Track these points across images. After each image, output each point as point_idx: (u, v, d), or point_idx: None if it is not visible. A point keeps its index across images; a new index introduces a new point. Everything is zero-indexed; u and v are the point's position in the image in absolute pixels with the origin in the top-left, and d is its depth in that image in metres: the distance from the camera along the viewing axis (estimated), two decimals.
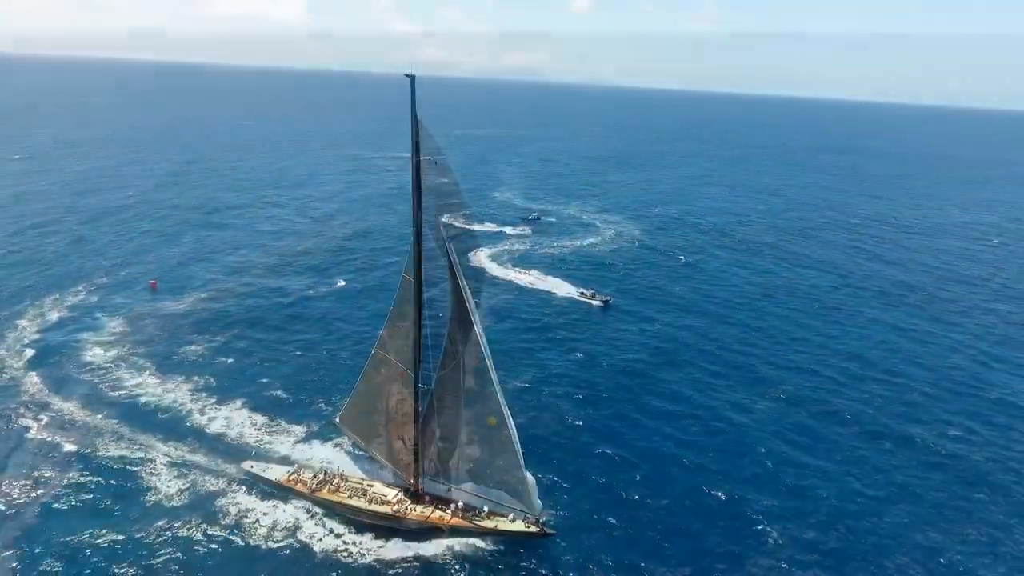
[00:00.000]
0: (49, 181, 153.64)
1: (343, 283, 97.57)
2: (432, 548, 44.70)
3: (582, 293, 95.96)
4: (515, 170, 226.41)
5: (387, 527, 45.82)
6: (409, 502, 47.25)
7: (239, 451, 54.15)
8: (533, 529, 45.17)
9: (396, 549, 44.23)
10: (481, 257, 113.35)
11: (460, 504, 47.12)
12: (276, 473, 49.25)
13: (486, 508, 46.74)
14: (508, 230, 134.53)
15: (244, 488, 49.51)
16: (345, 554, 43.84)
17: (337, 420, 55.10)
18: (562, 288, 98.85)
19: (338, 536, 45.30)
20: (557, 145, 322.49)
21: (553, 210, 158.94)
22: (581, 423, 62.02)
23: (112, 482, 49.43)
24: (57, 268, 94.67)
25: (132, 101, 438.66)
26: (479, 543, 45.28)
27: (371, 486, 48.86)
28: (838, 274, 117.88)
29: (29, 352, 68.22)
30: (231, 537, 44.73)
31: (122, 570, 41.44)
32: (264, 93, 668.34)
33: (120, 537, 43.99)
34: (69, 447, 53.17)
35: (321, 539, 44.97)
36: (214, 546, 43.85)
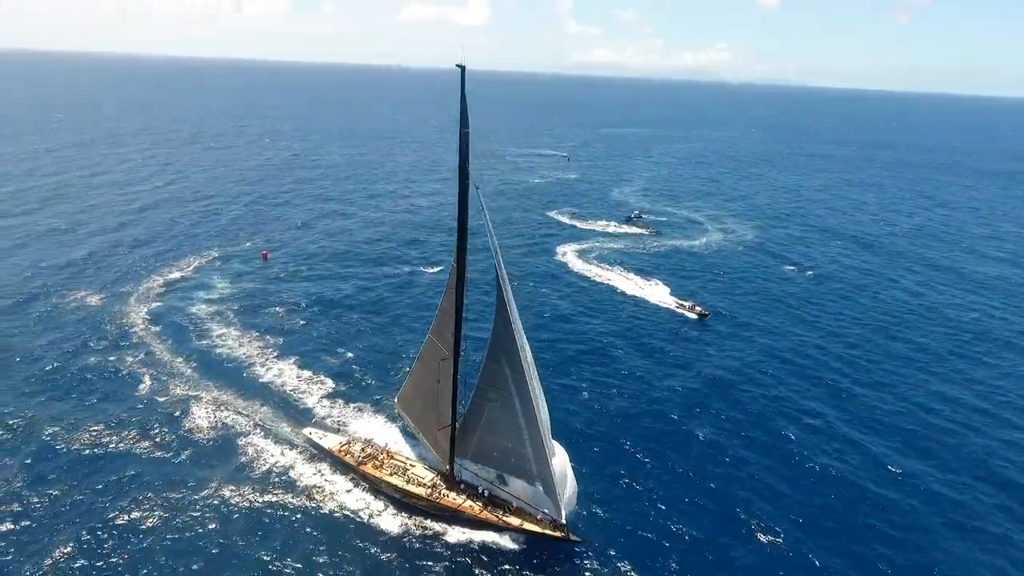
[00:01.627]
0: (232, 168, 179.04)
1: (437, 269, 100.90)
2: (457, 536, 45.17)
3: (680, 304, 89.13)
4: (648, 169, 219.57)
5: (419, 508, 47.04)
6: (444, 487, 47.99)
7: (283, 403, 59.36)
8: (558, 533, 44.27)
9: (423, 531, 45.27)
10: (567, 252, 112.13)
11: (489, 496, 47.26)
12: (331, 442, 52.40)
13: (515, 504, 46.53)
14: (612, 228, 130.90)
15: (289, 447, 53.47)
16: (371, 527, 45.44)
17: (396, 400, 57.28)
18: (655, 294, 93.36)
19: (369, 508, 47.12)
20: (707, 146, 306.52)
21: (672, 211, 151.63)
22: (634, 432, 58.71)
23: (169, 423, 56.17)
24: (204, 238, 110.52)
25: (323, 99, 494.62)
26: (504, 538, 45.14)
27: (413, 466, 50.26)
28: (999, 300, 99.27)
29: (155, 304, 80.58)
30: (259, 490, 48.18)
31: (156, 506, 46.67)
32: (440, 93, 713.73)
33: (153, 477, 49.43)
34: (145, 383, 61.99)
35: (353, 509, 46.92)
36: (243, 496, 47.63)
